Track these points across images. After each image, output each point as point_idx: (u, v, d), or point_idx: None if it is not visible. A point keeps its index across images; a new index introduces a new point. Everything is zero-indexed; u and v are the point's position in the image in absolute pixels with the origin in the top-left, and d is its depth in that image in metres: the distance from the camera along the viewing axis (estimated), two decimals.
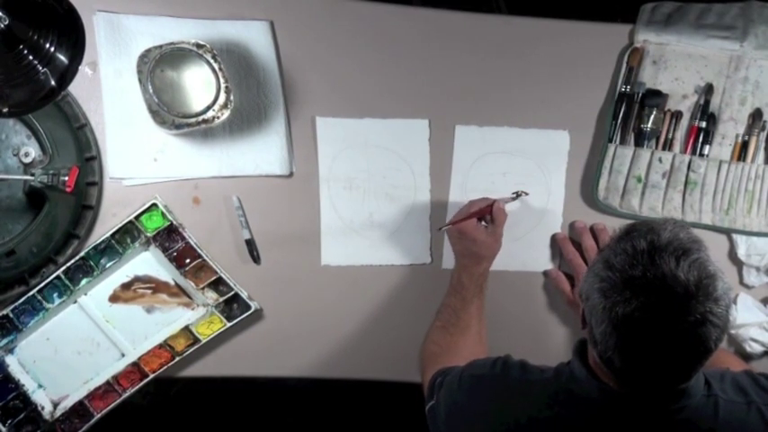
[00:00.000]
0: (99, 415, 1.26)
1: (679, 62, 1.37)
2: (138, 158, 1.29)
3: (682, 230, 0.93)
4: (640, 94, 1.36)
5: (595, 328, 0.93)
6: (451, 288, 1.30)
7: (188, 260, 1.29)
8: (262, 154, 1.32)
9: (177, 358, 1.28)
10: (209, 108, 1.22)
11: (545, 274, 1.38)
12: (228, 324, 1.29)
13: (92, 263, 1.27)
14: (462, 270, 1.29)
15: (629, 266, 0.90)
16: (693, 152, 1.36)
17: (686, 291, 0.88)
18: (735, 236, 1.37)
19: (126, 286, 1.30)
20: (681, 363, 0.92)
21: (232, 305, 1.30)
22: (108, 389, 1.27)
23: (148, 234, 1.28)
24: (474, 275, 1.28)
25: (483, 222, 1.29)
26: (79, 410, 1.26)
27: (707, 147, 1.36)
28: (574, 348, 1.04)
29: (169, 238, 1.29)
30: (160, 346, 1.28)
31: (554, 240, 1.37)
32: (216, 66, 1.22)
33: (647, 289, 0.89)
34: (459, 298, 1.27)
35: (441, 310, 1.30)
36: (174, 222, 1.29)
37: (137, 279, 1.30)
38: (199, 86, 1.23)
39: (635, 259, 0.90)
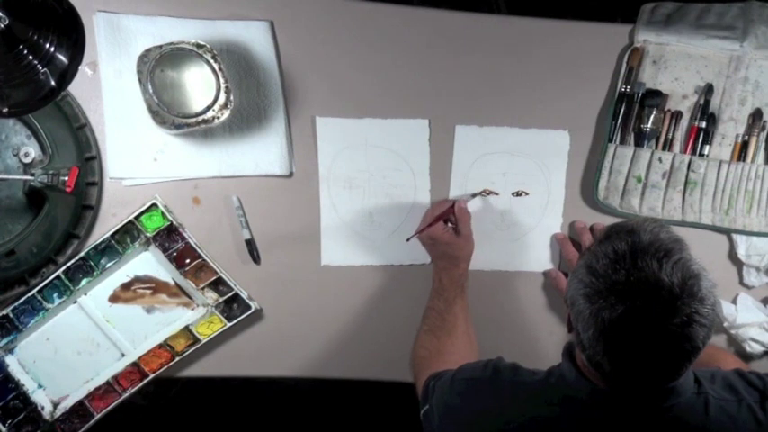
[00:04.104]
0: (99, 415, 1.26)
1: (679, 62, 1.37)
2: (138, 158, 1.29)
3: (662, 230, 0.92)
4: (640, 94, 1.36)
5: (582, 333, 0.93)
6: (434, 291, 1.30)
7: (188, 260, 1.29)
8: (262, 154, 1.32)
9: (177, 358, 1.28)
10: (209, 108, 1.22)
11: (545, 274, 1.38)
12: (228, 324, 1.29)
13: (92, 263, 1.27)
14: (442, 272, 1.29)
15: (611, 271, 0.90)
16: (693, 152, 1.36)
17: (671, 293, 0.88)
18: (735, 236, 1.37)
19: (126, 286, 1.30)
20: (669, 363, 0.93)
21: (232, 305, 1.31)
22: (108, 389, 1.27)
23: (148, 234, 1.28)
24: (454, 276, 1.28)
25: (449, 224, 1.30)
26: (79, 410, 1.26)
27: (707, 147, 1.36)
28: (563, 350, 1.05)
29: (169, 238, 1.29)
30: (160, 346, 1.28)
31: (554, 240, 1.37)
32: (216, 66, 1.22)
33: (631, 293, 0.89)
34: (441, 300, 1.28)
35: (426, 314, 1.30)
36: (174, 222, 1.29)
37: (137, 279, 1.30)
38: (199, 86, 1.23)
39: (617, 263, 0.90)
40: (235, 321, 1.29)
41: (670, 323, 0.88)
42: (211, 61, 1.22)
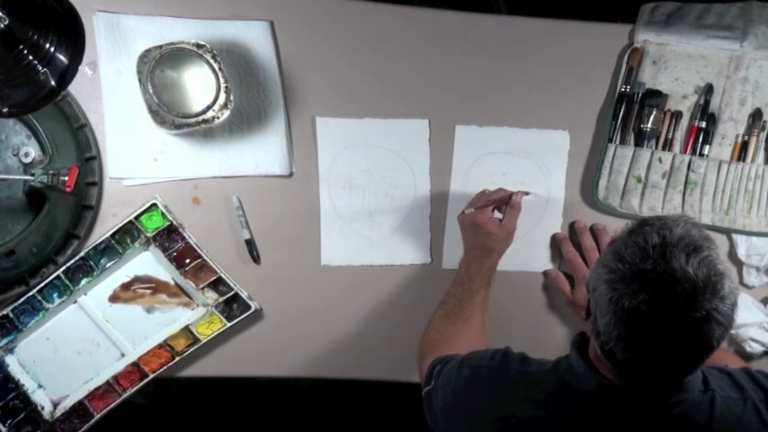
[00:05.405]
0: (99, 415, 1.26)
1: (679, 62, 1.37)
2: (138, 158, 1.29)
3: (694, 228, 0.93)
4: (640, 94, 1.36)
5: (600, 318, 0.94)
6: (458, 278, 1.30)
7: (188, 260, 1.29)
8: (262, 154, 1.32)
9: (177, 358, 1.28)
10: (209, 108, 1.22)
11: (545, 274, 1.38)
12: (228, 324, 1.29)
13: (92, 263, 1.27)
14: (472, 261, 1.29)
15: (639, 260, 0.91)
16: (693, 152, 1.36)
17: (694, 287, 0.88)
18: (735, 236, 1.37)
19: (126, 286, 1.30)
20: (681, 358, 0.93)
21: (232, 305, 1.31)
22: (108, 389, 1.27)
23: (148, 234, 1.28)
24: (483, 267, 1.28)
25: (498, 213, 1.30)
26: (79, 410, 1.26)
27: (707, 147, 1.36)
28: (572, 341, 1.05)
29: (169, 238, 1.29)
30: (160, 346, 1.28)
31: (554, 240, 1.37)
32: (216, 66, 1.22)
33: (655, 283, 0.89)
34: (465, 288, 1.28)
35: (445, 299, 1.30)
36: (174, 222, 1.29)
37: (137, 279, 1.30)
38: (199, 86, 1.23)
39: (646, 252, 0.91)
40: (235, 321, 1.29)
41: (689, 316, 0.88)
42: (211, 61, 1.22)
